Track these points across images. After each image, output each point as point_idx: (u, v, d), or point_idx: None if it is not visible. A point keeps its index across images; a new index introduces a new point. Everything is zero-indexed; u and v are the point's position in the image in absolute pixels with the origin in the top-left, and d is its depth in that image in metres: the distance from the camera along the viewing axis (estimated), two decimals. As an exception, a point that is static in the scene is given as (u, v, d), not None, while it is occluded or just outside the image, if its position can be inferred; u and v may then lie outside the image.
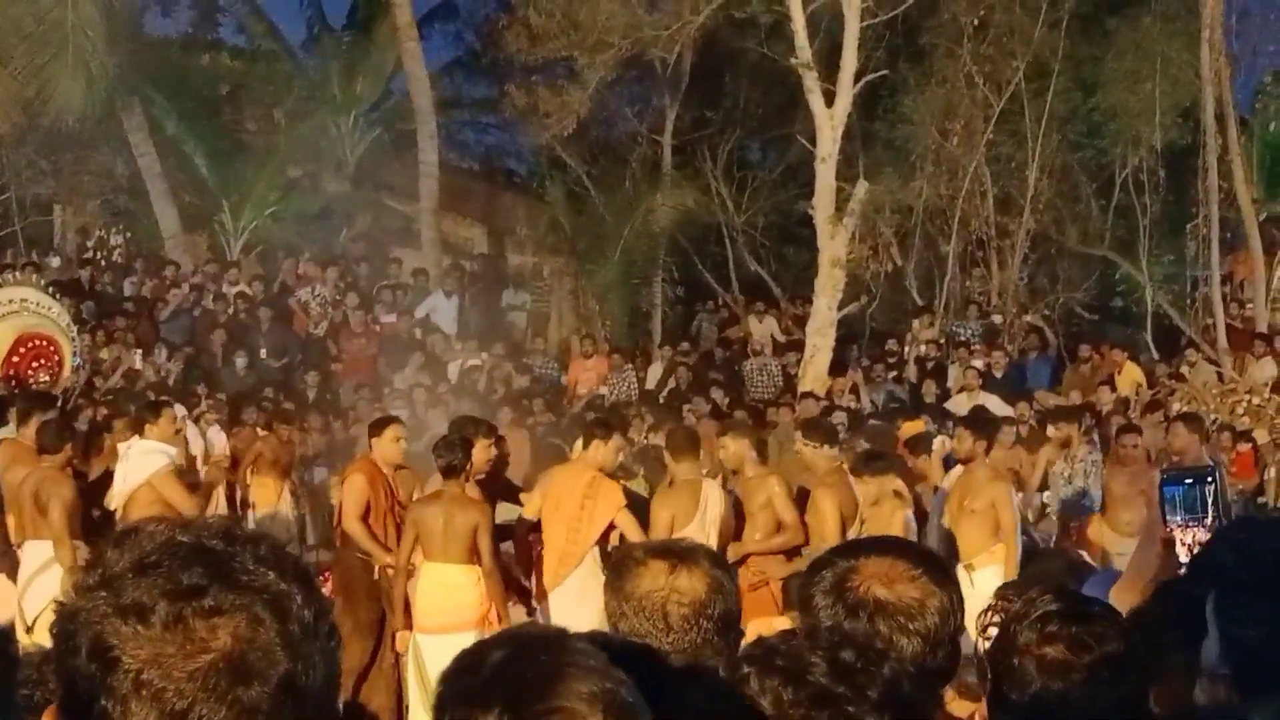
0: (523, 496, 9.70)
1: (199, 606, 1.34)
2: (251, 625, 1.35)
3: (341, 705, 1.50)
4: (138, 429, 9.59)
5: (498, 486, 9.46)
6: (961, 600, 2.58)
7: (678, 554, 2.82)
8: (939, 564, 2.61)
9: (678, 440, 9.36)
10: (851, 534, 8.59)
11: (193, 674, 1.32)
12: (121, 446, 9.60)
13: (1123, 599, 3.01)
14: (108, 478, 9.88)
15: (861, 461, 9.81)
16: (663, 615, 2.69)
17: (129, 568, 1.37)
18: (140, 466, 9.20)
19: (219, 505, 11.33)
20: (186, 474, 10.36)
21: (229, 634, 1.34)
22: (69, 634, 1.37)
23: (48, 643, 2.16)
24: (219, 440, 13.09)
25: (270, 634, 1.36)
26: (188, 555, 1.38)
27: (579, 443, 9.48)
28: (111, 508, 9.42)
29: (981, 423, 10.44)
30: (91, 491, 9.98)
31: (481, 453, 8.85)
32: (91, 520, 9.54)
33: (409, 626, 8.44)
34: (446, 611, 8.26)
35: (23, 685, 2.64)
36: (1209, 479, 3.20)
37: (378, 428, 9.46)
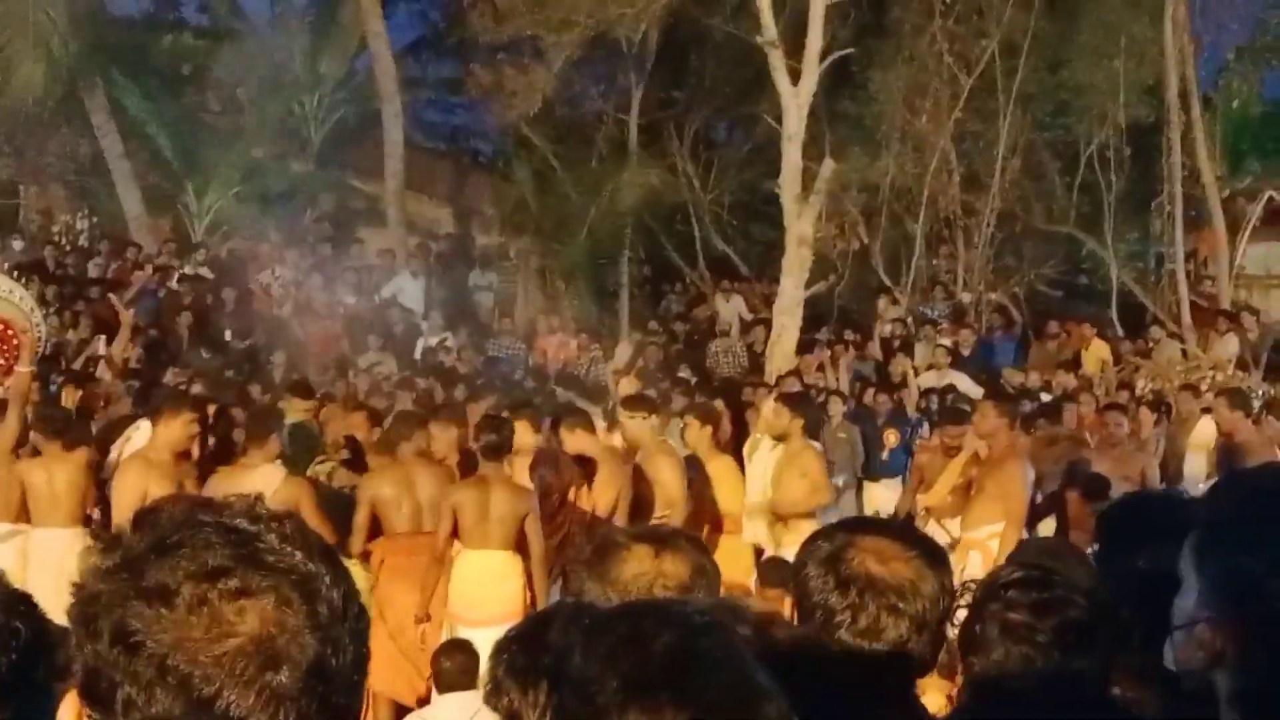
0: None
1: (225, 588, 1.30)
2: (279, 607, 1.31)
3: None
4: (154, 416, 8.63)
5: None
6: (953, 588, 2.55)
7: (660, 539, 2.83)
8: (935, 549, 2.57)
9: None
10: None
11: (219, 658, 1.27)
12: (131, 429, 9.19)
13: None
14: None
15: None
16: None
17: (149, 549, 1.32)
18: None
19: None
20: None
21: (256, 617, 1.30)
22: (89, 617, 1.31)
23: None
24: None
25: (299, 616, 1.31)
26: (211, 535, 1.33)
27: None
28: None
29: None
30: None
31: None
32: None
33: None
34: (488, 602, 7.78)
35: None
36: None
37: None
